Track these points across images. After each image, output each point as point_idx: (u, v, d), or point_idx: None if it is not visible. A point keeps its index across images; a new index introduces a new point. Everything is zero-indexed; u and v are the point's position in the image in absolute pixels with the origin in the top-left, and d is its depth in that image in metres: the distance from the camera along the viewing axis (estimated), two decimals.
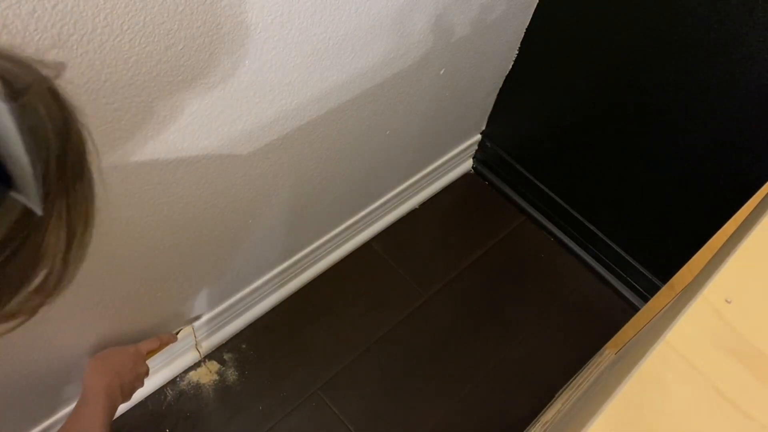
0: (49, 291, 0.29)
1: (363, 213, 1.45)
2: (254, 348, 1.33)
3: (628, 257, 1.48)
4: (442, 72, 1.22)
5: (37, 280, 0.27)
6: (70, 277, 0.29)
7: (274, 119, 0.92)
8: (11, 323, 0.28)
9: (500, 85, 1.48)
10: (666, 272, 1.11)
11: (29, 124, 0.24)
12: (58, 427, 0.90)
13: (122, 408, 1.22)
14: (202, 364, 1.30)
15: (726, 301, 0.60)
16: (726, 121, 1.12)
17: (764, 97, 1.05)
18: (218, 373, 1.30)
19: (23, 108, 0.24)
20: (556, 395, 1.34)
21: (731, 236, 0.85)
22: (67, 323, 0.91)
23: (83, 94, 0.65)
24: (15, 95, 0.24)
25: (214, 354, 1.32)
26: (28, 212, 0.24)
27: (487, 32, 1.23)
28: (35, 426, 1.08)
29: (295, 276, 1.41)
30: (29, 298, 0.27)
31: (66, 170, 0.26)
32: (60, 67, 0.29)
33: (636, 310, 1.47)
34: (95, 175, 0.30)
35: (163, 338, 0.88)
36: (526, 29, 1.33)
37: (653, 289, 1.34)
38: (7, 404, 0.95)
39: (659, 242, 1.40)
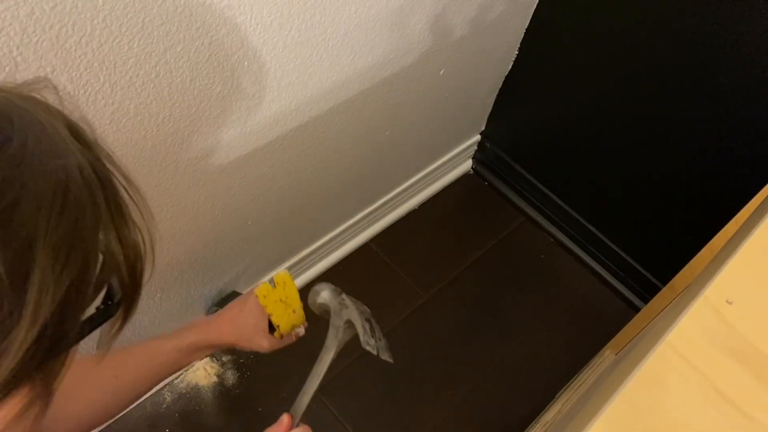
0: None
1: (362, 214, 1.45)
2: None
3: (628, 258, 1.47)
4: (441, 72, 1.22)
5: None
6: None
7: (273, 120, 0.92)
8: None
9: (500, 86, 1.48)
10: (666, 273, 1.11)
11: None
12: None
13: None
14: (201, 366, 1.30)
15: (727, 301, 0.59)
16: (727, 121, 1.12)
17: (765, 98, 1.05)
18: (217, 375, 1.30)
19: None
20: (557, 396, 1.33)
21: (732, 237, 0.85)
22: None
23: (82, 95, 0.64)
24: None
25: (213, 356, 1.32)
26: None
27: (486, 32, 1.23)
28: None
29: (295, 277, 1.41)
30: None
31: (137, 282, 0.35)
32: None
33: (636, 310, 1.47)
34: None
35: (308, 430, 0.85)
36: (526, 30, 1.33)
37: (654, 290, 1.34)
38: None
39: (660, 243, 1.40)
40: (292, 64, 0.86)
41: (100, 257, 0.31)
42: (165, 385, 1.27)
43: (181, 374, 1.29)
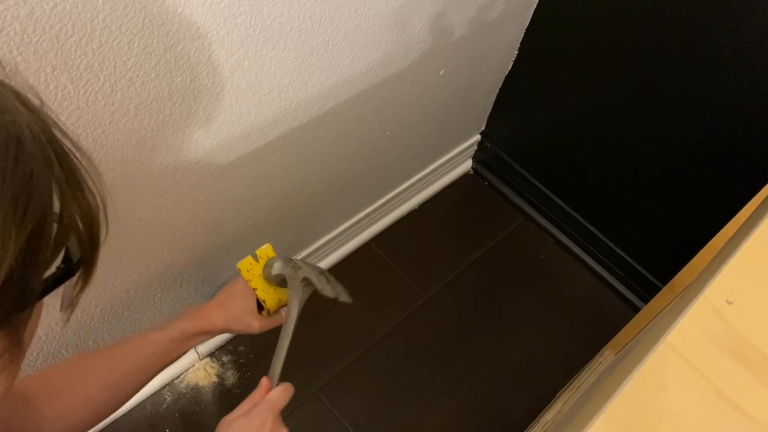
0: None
1: (362, 214, 1.45)
2: (253, 349, 1.33)
3: (628, 258, 1.47)
4: (441, 72, 1.22)
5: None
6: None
7: (273, 120, 0.92)
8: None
9: (500, 86, 1.48)
10: (666, 273, 1.11)
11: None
12: None
13: (122, 409, 1.22)
14: (201, 366, 1.30)
15: (727, 302, 0.59)
16: (727, 121, 1.12)
17: (764, 98, 1.05)
18: (217, 374, 1.30)
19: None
20: (556, 396, 1.33)
21: (732, 237, 0.85)
22: None
23: (82, 95, 0.64)
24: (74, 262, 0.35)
25: (213, 356, 1.32)
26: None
27: (486, 32, 1.23)
28: None
29: None
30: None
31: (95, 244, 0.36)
32: None
33: (636, 310, 1.47)
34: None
35: (288, 386, 0.82)
36: (526, 30, 1.33)
37: (653, 290, 1.34)
38: None
39: (660, 243, 1.40)
40: (292, 64, 0.86)
41: (57, 215, 0.32)
42: (165, 385, 1.27)
43: (181, 374, 1.29)
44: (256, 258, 0.89)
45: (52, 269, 0.33)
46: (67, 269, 0.34)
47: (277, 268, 0.86)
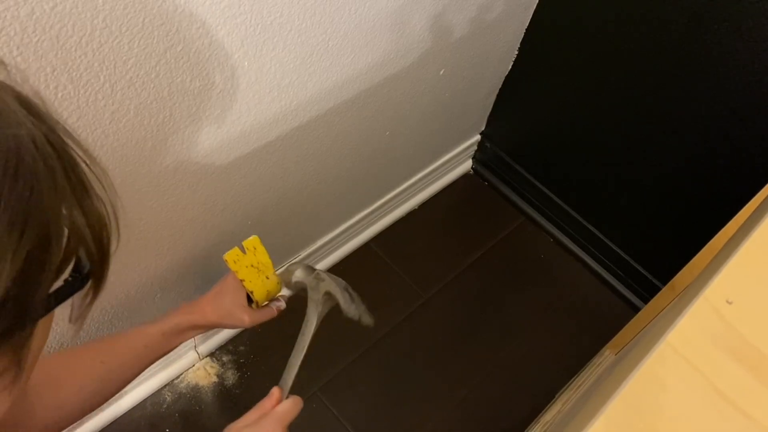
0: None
1: (362, 214, 1.45)
2: (253, 349, 1.33)
3: (628, 258, 1.48)
4: (441, 72, 1.22)
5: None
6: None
7: (273, 120, 0.92)
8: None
9: (500, 86, 1.48)
10: (666, 273, 1.11)
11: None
12: None
13: (122, 409, 1.22)
14: (201, 366, 1.30)
15: (727, 301, 0.59)
16: (726, 121, 1.12)
17: (765, 98, 1.05)
18: (217, 374, 1.30)
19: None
20: (556, 396, 1.33)
21: (732, 237, 0.85)
22: None
23: (82, 95, 0.64)
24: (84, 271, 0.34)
25: (213, 355, 1.32)
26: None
27: (486, 32, 1.23)
28: None
29: None
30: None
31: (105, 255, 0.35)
32: None
33: (636, 310, 1.47)
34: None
35: (298, 400, 0.78)
36: (526, 30, 1.33)
37: (653, 290, 1.34)
38: None
39: (659, 243, 1.40)
40: (292, 64, 0.86)
41: (65, 230, 0.31)
42: (165, 385, 1.27)
43: (181, 374, 1.29)
44: (242, 249, 0.88)
45: (60, 282, 0.32)
46: (75, 282, 0.33)
47: (298, 275, 0.84)
